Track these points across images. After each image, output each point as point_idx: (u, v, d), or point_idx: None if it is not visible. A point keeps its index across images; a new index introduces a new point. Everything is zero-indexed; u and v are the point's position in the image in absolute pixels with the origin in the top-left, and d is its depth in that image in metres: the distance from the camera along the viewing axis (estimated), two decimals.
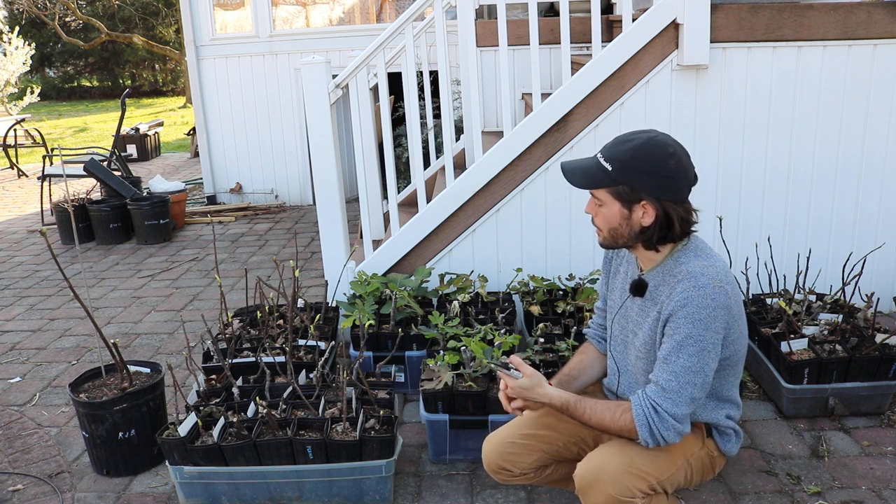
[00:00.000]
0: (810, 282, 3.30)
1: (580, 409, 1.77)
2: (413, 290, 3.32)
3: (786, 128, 3.41)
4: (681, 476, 1.82)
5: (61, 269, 2.57)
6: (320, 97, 3.34)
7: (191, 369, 2.75)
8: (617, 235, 1.79)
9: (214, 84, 6.93)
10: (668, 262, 1.79)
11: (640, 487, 1.72)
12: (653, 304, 1.79)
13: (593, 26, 3.36)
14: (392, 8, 7.54)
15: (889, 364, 2.70)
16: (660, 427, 1.70)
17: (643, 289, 1.82)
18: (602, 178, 1.73)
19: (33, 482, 2.61)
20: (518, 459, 1.96)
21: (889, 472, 2.45)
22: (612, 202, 1.75)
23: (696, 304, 1.67)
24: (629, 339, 1.90)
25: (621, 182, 1.71)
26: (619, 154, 1.72)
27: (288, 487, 2.38)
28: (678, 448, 1.81)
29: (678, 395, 1.69)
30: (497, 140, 3.43)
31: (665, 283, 1.77)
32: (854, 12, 3.26)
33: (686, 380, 1.68)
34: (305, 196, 7.12)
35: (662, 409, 1.69)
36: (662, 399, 1.70)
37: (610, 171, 1.71)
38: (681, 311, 1.69)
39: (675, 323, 1.70)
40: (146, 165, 10.39)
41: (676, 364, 1.69)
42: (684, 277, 1.71)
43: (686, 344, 1.68)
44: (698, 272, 1.70)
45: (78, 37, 21.18)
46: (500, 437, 2.00)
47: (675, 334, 1.69)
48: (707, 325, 1.67)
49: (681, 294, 1.69)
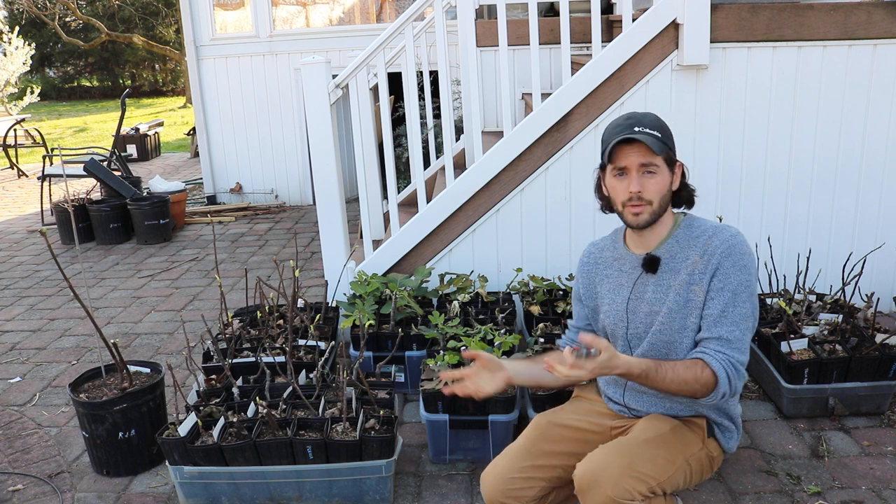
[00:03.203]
0: (810, 282, 3.31)
1: (662, 372, 1.75)
2: (413, 290, 3.32)
3: (786, 128, 3.42)
4: (680, 477, 1.82)
5: (61, 269, 2.57)
6: (320, 97, 3.34)
7: (191, 369, 2.75)
8: (664, 203, 1.84)
9: (214, 84, 6.93)
10: (678, 232, 1.87)
11: (640, 489, 1.71)
12: (674, 274, 1.84)
13: (593, 26, 3.36)
14: (392, 8, 7.54)
15: (889, 364, 2.71)
16: (736, 379, 1.76)
17: (657, 264, 1.87)
18: (662, 146, 1.79)
19: (33, 482, 2.61)
20: (521, 494, 1.90)
21: (889, 472, 2.45)
22: (664, 168, 1.82)
23: (738, 252, 1.78)
24: (642, 328, 1.89)
25: (670, 146, 1.82)
26: (653, 123, 1.81)
27: (288, 487, 2.38)
28: (678, 449, 1.82)
29: (743, 343, 1.77)
30: (497, 140, 3.43)
31: (688, 246, 1.84)
32: (854, 12, 3.26)
33: (746, 326, 1.77)
34: (305, 196, 7.13)
35: (737, 361, 1.76)
36: (733, 351, 1.75)
37: (660, 137, 1.79)
38: (727, 261, 1.77)
39: (723, 274, 1.77)
40: (146, 165, 10.39)
41: (735, 313, 1.76)
42: (714, 233, 1.81)
43: (739, 292, 1.76)
44: (722, 227, 1.82)
45: (78, 37, 21.18)
46: (499, 473, 1.93)
47: (725, 286, 1.77)
48: (750, 271, 1.79)
49: (722, 245, 1.78)
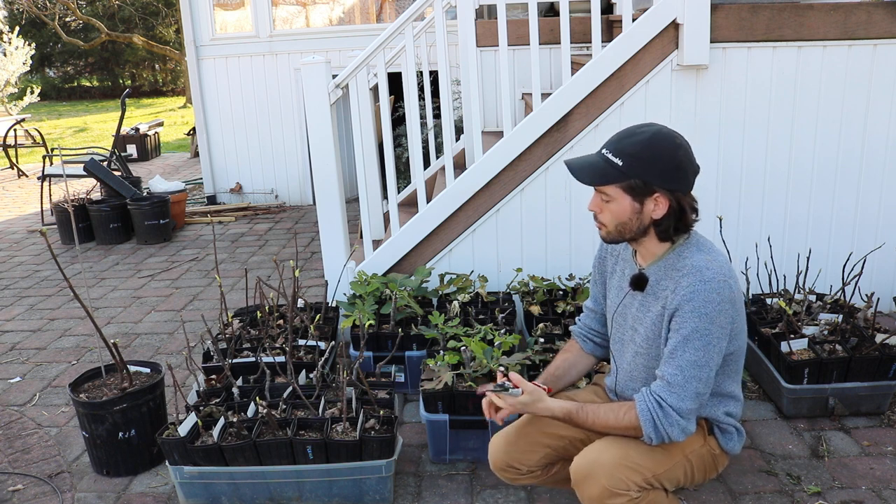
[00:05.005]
0: (810, 282, 3.31)
1: (583, 416, 1.77)
2: (413, 290, 3.32)
3: (786, 128, 3.41)
4: (679, 472, 1.82)
5: (61, 269, 2.57)
6: (320, 97, 3.34)
7: (191, 369, 2.75)
8: (625, 230, 1.78)
9: (214, 84, 6.93)
10: (669, 257, 1.79)
11: (635, 480, 1.71)
12: (654, 299, 1.79)
13: (593, 26, 3.36)
14: (392, 8, 7.54)
15: (889, 364, 2.71)
16: (664, 423, 1.69)
17: (644, 283, 1.82)
18: (613, 174, 1.72)
19: (33, 482, 2.61)
20: (525, 458, 1.95)
21: (889, 472, 2.45)
22: (623, 197, 1.74)
23: (701, 299, 1.67)
24: (627, 337, 1.90)
25: (633, 176, 1.71)
26: (627, 148, 1.72)
27: (288, 487, 2.38)
28: (676, 444, 1.80)
29: (683, 390, 1.68)
30: (497, 140, 3.43)
31: (668, 276, 1.77)
32: (854, 12, 3.26)
33: (691, 374, 1.68)
34: (305, 196, 7.12)
35: (667, 404, 1.69)
36: (667, 394, 1.69)
37: (620, 165, 1.71)
38: (687, 306, 1.69)
39: (680, 317, 1.70)
40: (146, 165, 10.39)
41: (682, 358, 1.69)
42: (689, 272, 1.71)
43: (692, 338, 1.68)
44: (703, 266, 1.71)
45: (78, 37, 21.17)
46: (506, 436, 1.99)
47: (680, 329, 1.69)
48: (712, 320, 1.67)
49: (686, 288, 1.69)
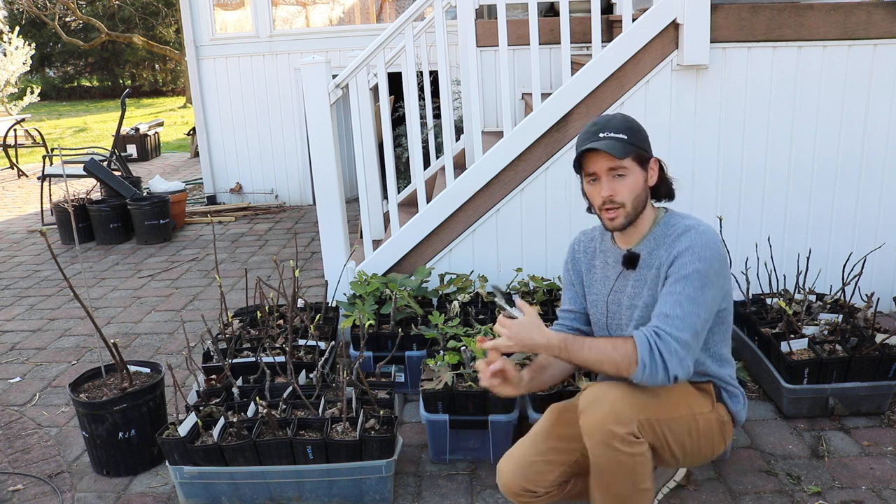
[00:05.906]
0: (810, 282, 3.31)
1: (578, 345, 1.75)
2: (413, 290, 3.32)
3: (786, 128, 3.42)
4: (683, 428, 1.81)
5: (61, 269, 2.57)
6: (320, 97, 3.34)
7: (191, 369, 2.75)
8: (638, 204, 1.86)
9: (214, 84, 6.93)
10: (656, 230, 1.89)
11: (637, 416, 1.72)
12: (648, 269, 1.86)
13: (593, 26, 3.36)
14: (392, 8, 7.54)
15: (889, 364, 2.71)
16: (662, 348, 1.69)
17: (636, 260, 1.89)
18: (628, 147, 1.80)
19: (33, 482, 2.61)
20: (541, 478, 1.89)
21: (889, 472, 2.45)
22: (635, 167, 1.83)
23: (700, 245, 1.77)
24: (625, 318, 1.92)
25: (637, 146, 1.82)
26: (620, 126, 1.83)
27: (288, 487, 2.38)
28: (684, 399, 1.82)
29: (682, 322, 1.72)
30: (497, 140, 3.43)
31: (660, 245, 1.85)
32: (854, 12, 3.26)
33: (689, 309, 1.73)
34: (305, 196, 7.12)
35: (665, 332, 1.71)
36: (666, 325, 1.72)
37: (626, 139, 1.80)
38: (686, 252, 1.78)
39: (680, 261, 1.78)
40: (146, 165, 10.39)
41: (681, 294, 1.74)
42: (684, 231, 1.82)
43: (691, 277, 1.75)
44: (695, 224, 1.83)
45: (78, 37, 21.18)
46: (518, 458, 1.92)
47: (680, 270, 1.77)
48: (710, 262, 1.76)
49: (685, 241, 1.79)
